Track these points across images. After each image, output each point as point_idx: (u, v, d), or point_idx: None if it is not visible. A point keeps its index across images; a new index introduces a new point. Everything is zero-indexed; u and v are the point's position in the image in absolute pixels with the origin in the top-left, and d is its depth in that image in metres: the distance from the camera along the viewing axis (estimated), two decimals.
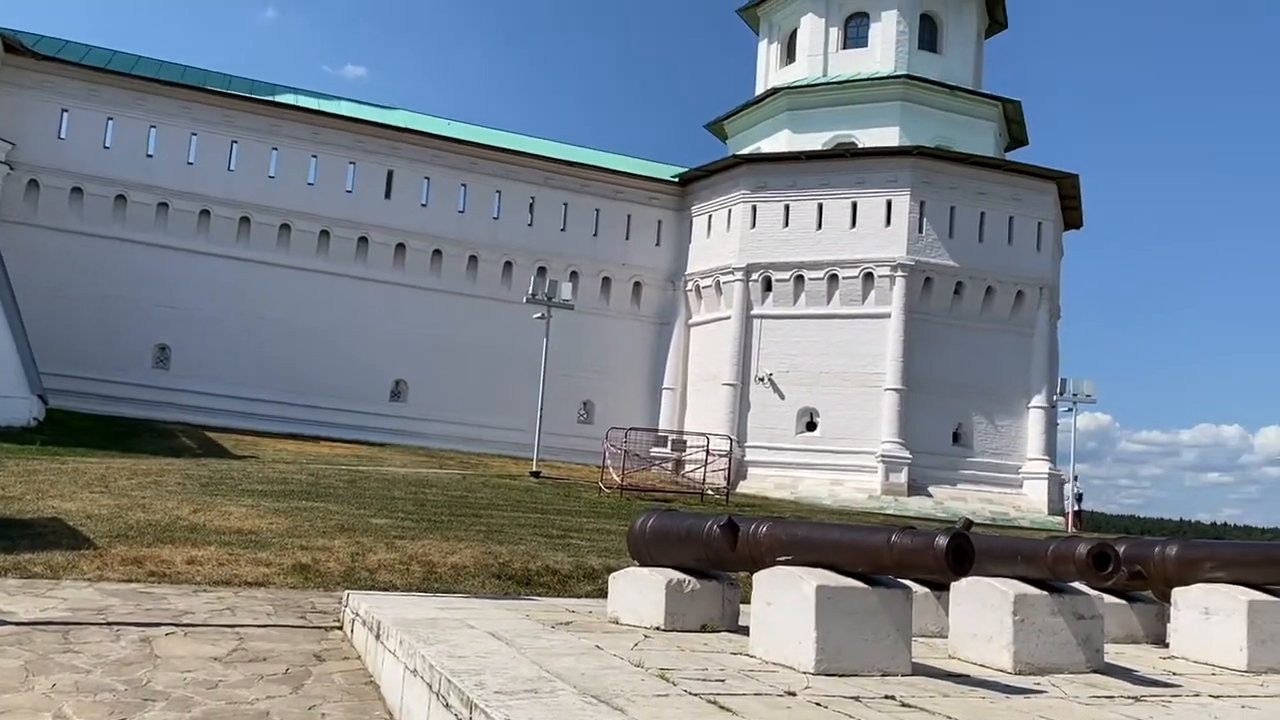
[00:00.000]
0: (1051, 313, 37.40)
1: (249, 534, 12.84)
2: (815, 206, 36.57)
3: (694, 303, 39.42)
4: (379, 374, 36.39)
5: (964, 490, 34.44)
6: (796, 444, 35.41)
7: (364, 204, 36.88)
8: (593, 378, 38.73)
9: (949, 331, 35.34)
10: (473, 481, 24.31)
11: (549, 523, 17.31)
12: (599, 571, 11.66)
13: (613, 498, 24.86)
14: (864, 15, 41.89)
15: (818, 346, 35.80)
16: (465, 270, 38.07)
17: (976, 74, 42.99)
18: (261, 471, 21.45)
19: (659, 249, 40.39)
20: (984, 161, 37.28)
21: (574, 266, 38.77)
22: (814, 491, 33.67)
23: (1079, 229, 42.05)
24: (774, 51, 44.61)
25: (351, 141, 36.96)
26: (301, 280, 35.79)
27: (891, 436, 34.06)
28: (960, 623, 6.77)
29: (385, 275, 36.93)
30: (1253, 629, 7.10)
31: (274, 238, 35.83)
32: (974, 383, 35.32)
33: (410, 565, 11.65)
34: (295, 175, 36.31)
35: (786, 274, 36.52)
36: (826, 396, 35.36)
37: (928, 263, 35.25)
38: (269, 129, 36.03)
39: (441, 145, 38.00)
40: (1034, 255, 36.60)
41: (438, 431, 35.79)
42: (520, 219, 38.98)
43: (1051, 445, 36.57)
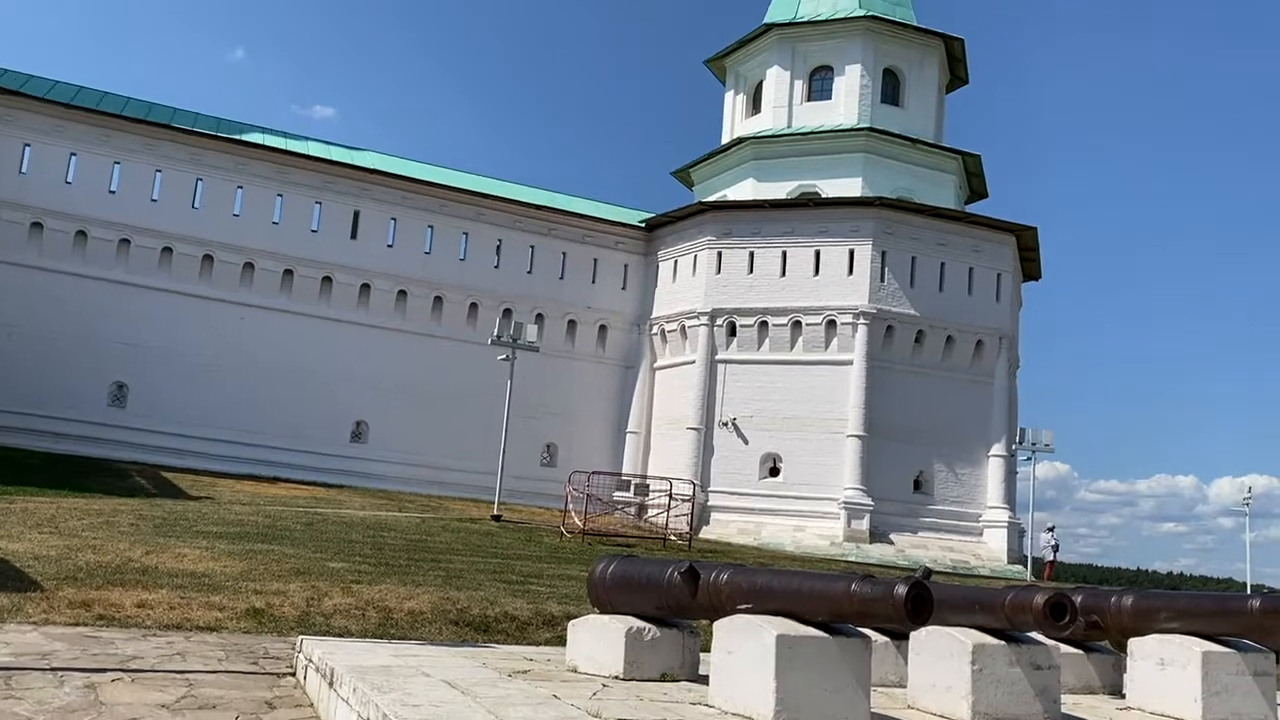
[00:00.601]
0: (1010, 362, 37.89)
1: (202, 577, 12.60)
2: (780, 254, 36.96)
3: (659, 346, 39.54)
4: (340, 415, 36.05)
5: (925, 538, 34.57)
6: (760, 489, 35.43)
7: (329, 244, 36.75)
8: (556, 420, 38.62)
9: (910, 379, 35.68)
10: (432, 525, 24.05)
11: (509, 568, 17.14)
12: (559, 618, 11.55)
13: (574, 542, 24.69)
14: (828, 69, 42.68)
15: (781, 392, 35.98)
16: (430, 311, 37.96)
17: (938, 128, 43.83)
18: (217, 513, 21.11)
19: (625, 293, 40.55)
20: (944, 213, 37.90)
21: (540, 309, 38.80)
22: (777, 537, 33.66)
23: (1038, 280, 42.80)
24: (740, 102, 45.27)
25: (319, 181, 36.90)
26: (264, 319, 35.50)
27: (854, 483, 34.19)
28: (919, 672, 6.77)
29: (349, 315, 36.73)
30: (1207, 680, 7.17)
31: (237, 276, 35.56)
32: (935, 431, 35.61)
33: (366, 610, 11.47)
34: (260, 214, 36.14)
35: (751, 319, 36.77)
36: (790, 442, 35.48)
37: (889, 311, 35.66)
38: (235, 167, 35.90)
39: (409, 187, 38.04)
40: (993, 306, 37.15)
41: (398, 474, 35.46)
42: (487, 261, 39.01)
43: (1011, 494, 36.87)
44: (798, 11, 43.77)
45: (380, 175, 37.74)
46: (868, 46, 41.82)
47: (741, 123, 44.64)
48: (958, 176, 42.61)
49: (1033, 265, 41.11)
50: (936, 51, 43.26)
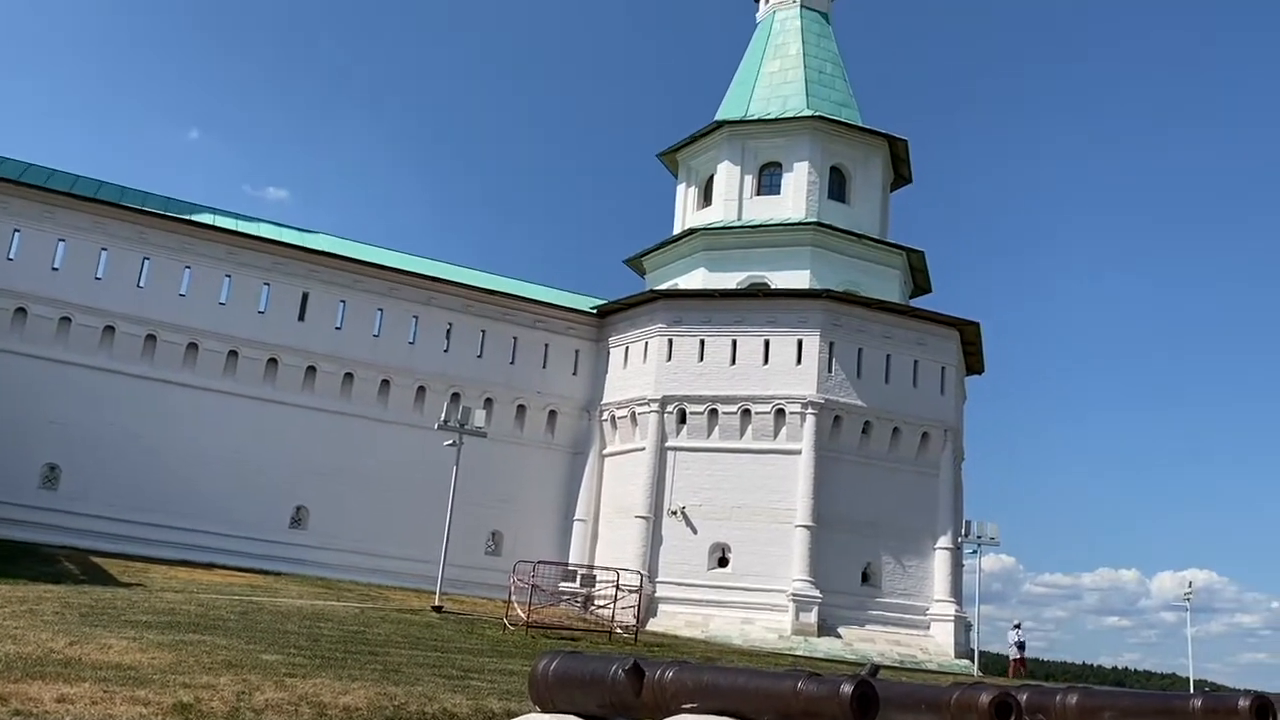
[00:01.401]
0: (956, 455, 38.31)
1: (128, 669, 12.10)
2: (730, 343, 37.31)
3: (609, 433, 39.43)
4: (280, 500, 35.27)
5: (872, 631, 34.37)
6: (708, 580, 35.08)
7: (276, 325, 36.41)
8: (502, 508, 38.14)
9: (858, 470, 35.89)
10: (371, 615, 23.44)
11: (449, 661, 16.70)
12: (499, 715, 11.24)
13: (518, 635, 24.18)
14: (777, 165, 43.78)
15: (731, 481, 35.94)
16: (377, 395, 37.59)
17: (883, 224, 44.98)
18: (148, 601, 20.39)
19: (576, 378, 40.55)
20: (890, 307, 38.65)
21: (489, 393, 38.63)
22: (725, 630, 33.25)
23: (981, 374, 43.62)
24: (692, 194, 46.17)
25: (268, 263, 36.72)
26: (206, 401, 34.90)
27: (802, 575, 34.02)
28: None
29: (294, 398, 36.23)
30: None
31: (180, 357, 35.02)
32: (882, 522, 35.71)
33: (300, 706, 11.07)
34: (206, 294, 35.79)
35: (701, 407, 36.90)
36: (738, 532, 35.32)
37: (837, 401, 36.01)
38: (182, 247, 35.64)
39: (360, 269, 37.99)
40: (938, 398, 37.70)
41: (338, 561, 34.65)
42: (437, 345, 38.87)
43: (957, 587, 36.92)
44: (748, 109, 45.04)
45: (331, 257, 37.68)
46: (815, 145, 43.05)
47: (693, 214, 45.46)
48: (902, 271, 43.59)
49: (976, 359, 41.92)
50: (881, 151, 44.63)
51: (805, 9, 47.62)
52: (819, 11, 48.17)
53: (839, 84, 46.27)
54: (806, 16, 47.43)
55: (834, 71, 46.48)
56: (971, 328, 39.13)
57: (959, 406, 39.67)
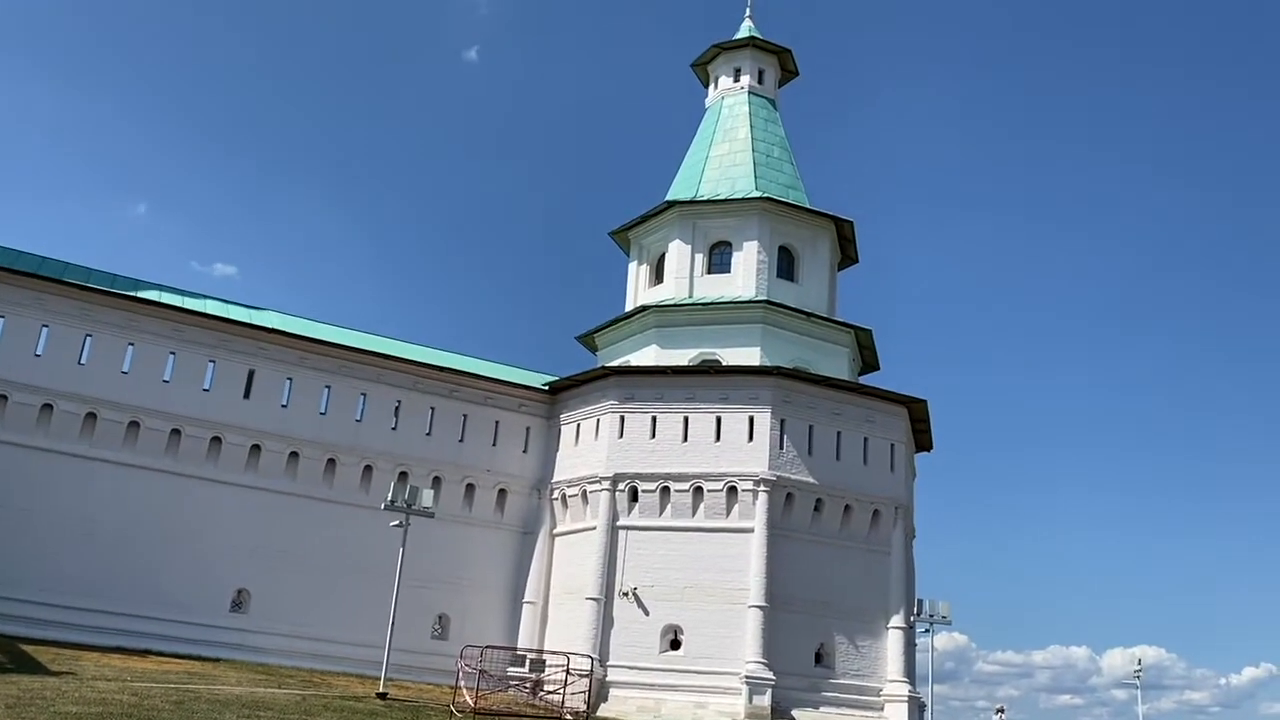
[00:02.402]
0: (906, 532, 38.39)
1: None
2: (681, 419, 37.31)
3: (560, 512, 38.99)
4: (220, 582, 34.22)
5: (826, 713, 33.92)
6: (660, 663, 34.48)
7: (221, 403, 35.75)
8: (450, 590, 37.36)
9: (810, 549, 35.77)
10: (313, 704, 22.68)
11: None
12: None
13: None
14: (727, 244, 44.44)
15: (683, 560, 35.59)
16: (322, 474, 36.88)
17: (830, 302, 45.65)
18: (78, 691, 19.56)
19: (526, 456, 40.18)
20: (839, 384, 38.99)
21: (437, 472, 38.11)
22: (678, 715, 32.62)
23: (930, 451, 43.99)
24: (643, 272, 46.57)
25: (214, 340, 36.19)
26: (147, 480, 34.03)
27: (755, 656, 33.58)
28: None
29: (237, 478, 35.43)
30: None
31: (121, 435, 34.18)
32: (835, 601, 35.52)
33: None
34: (149, 371, 35.10)
35: (653, 485, 36.68)
36: (691, 613, 34.86)
37: (788, 479, 36.02)
38: (126, 324, 35.05)
39: (307, 346, 37.55)
40: (888, 475, 37.89)
41: (280, 646, 33.60)
42: (384, 422, 38.37)
43: (911, 666, 36.68)
44: (698, 190, 45.82)
45: (278, 334, 37.24)
46: (764, 225, 43.79)
47: (645, 291, 45.79)
48: (851, 349, 44.12)
49: (925, 436, 42.31)
50: (828, 231, 45.51)
51: (753, 95, 48.85)
52: (766, 97, 49.44)
53: (786, 167, 47.30)
54: (754, 102, 48.63)
55: (781, 155, 47.55)
56: (920, 405, 39.56)
57: (909, 483, 39.88)
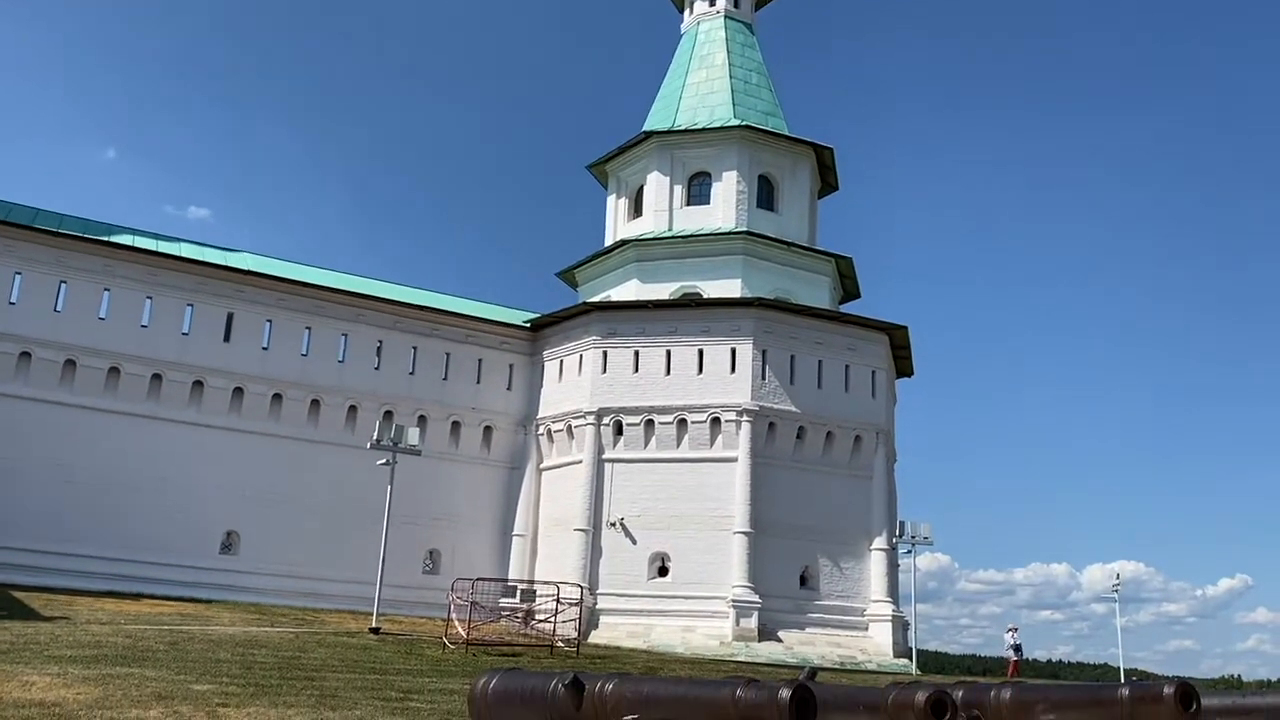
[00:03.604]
0: (888, 457, 38.89)
1: (52, 706, 11.69)
2: (664, 353, 37.45)
3: (545, 447, 39.27)
4: (209, 525, 34.44)
5: (812, 634, 34.68)
6: (648, 590, 35.11)
7: (201, 347, 35.60)
8: (439, 526, 37.73)
9: (793, 475, 36.24)
10: (307, 640, 23.00)
11: (388, 684, 16.45)
12: None
13: (458, 654, 23.92)
14: (706, 175, 44.11)
15: (669, 490, 36.03)
16: (307, 415, 36.92)
17: (811, 231, 45.55)
18: (72, 635, 19.75)
19: (510, 393, 40.31)
20: (820, 313, 39.16)
21: (422, 410, 38.21)
22: (666, 639, 33.28)
23: (911, 377, 44.36)
24: (622, 205, 46.27)
25: (191, 284, 35.90)
26: (130, 426, 33.96)
27: (741, 580, 34.20)
28: None
29: (221, 421, 35.43)
30: None
31: (101, 382, 34.05)
32: (818, 525, 36.10)
33: None
34: (127, 317, 34.85)
35: (637, 418, 36.94)
36: (678, 541, 35.40)
37: (771, 408, 36.33)
38: (101, 269, 34.69)
39: (285, 288, 37.33)
40: (869, 402, 38.25)
41: (272, 586, 33.94)
42: (367, 363, 38.35)
43: (894, 587, 37.44)
44: (676, 120, 45.33)
45: (255, 276, 36.98)
46: (743, 154, 43.46)
47: (624, 225, 45.56)
48: (831, 278, 44.18)
49: (905, 362, 42.63)
50: (808, 159, 45.22)
51: (730, 19, 48.09)
52: (743, 22, 48.67)
53: (765, 94, 46.80)
54: (731, 27, 47.90)
55: (759, 81, 47.00)
56: (900, 331, 39.80)
57: (890, 409, 40.30)
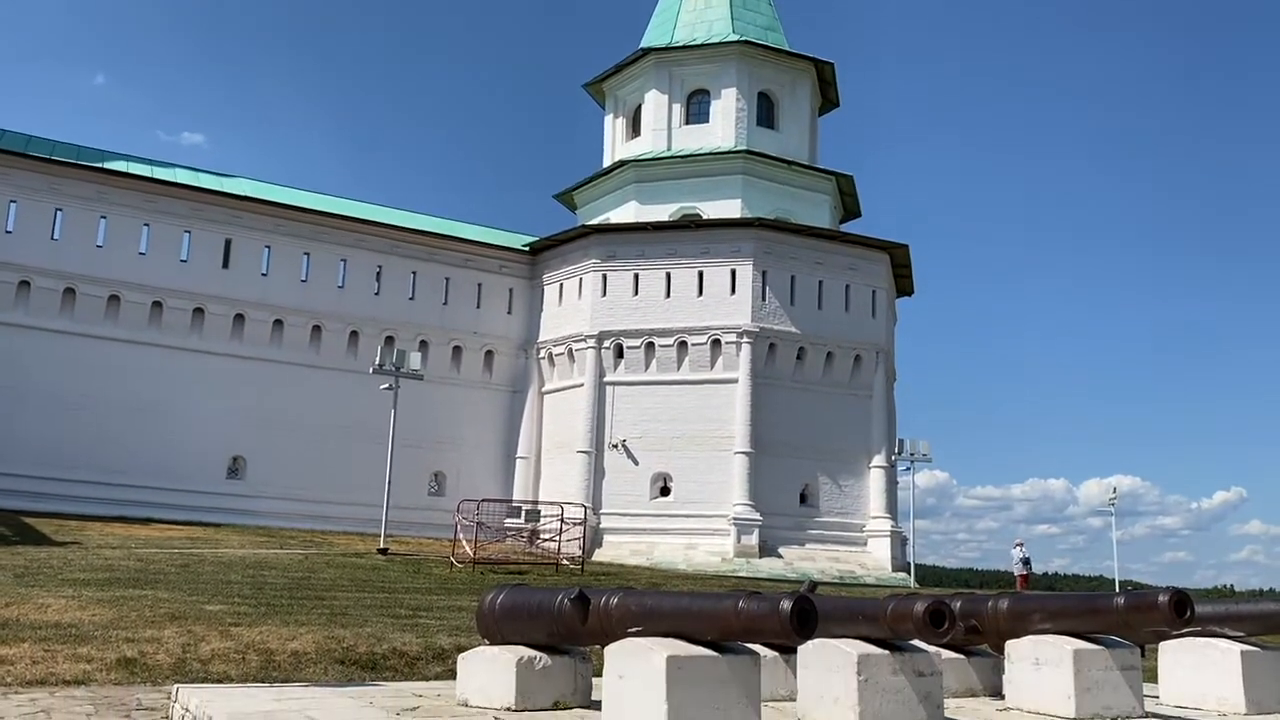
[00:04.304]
0: (888, 375, 39.04)
1: (68, 627, 11.95)
2: (664, 275, 37.33)
3: (547, 370, 39.40)
4: (215, 451, 34.73)
5: (812, 550, 35.22)
6: (651, 509, 35.56)
7: (200, 274, 35.47)
8: (444, 449, 38.04)
9: (793, 395, 36.42)
10: (315, 561, 23.38)
11: (397, 602, 16.77)
12: (449, 651, 11.34)
13: (465, 572, 24.33)
14: (705, 93, 43.45)
15: (670, 412, 36.25)
16: (308, 341, 36.97)
17: (812, 149, 45.03)
18: (84, 559, 20.08)
19: (511, 317, 40.29)
20: (820, 233, 38.92)
21: (423, 335, 38.23)
22: (669, 557, 33.81)
23: (911, 296, 44.28)
24: (620, 125, 45.67)
25: (187, 210, 35.63)
26: (132, 354, 34.00)
27: (742, 499, 34.62)
28: (808, 685, 6.88)
29: (222, 347, 35.47)
30: (1079, 677, 7.47)
31: (102, 310, 34.02)
32: (818, 444, 36.40)
33: (247, 654, 11.06)
34: (125, 244, 34.66)
35: (637, 341, 37.00)
36: (679, 461, 35.74)
37: (771, 329, 36.36)
38: (97, 196, 34.39)
39: (284, 214, 37.06)
40: (870, 321, 38.25)
41: (279, 510, 34.34)
42: (367, 288, 38.26)
43: (893, 503, 37.91)
44: (674, 36, 44.48)
45: (252, 202, 36.69)
46: (742, 71, 42.75)
47: (622, 145, 45.03)
48: (832, 197, 43.82)
49: (905, 281, 42.50)
50: (808, 75, 44.49)
51: None
52: None
53: (764, 7, 45.83)
54: None
55: None
56: (901, 250, 39.61)
57: (890, 328, 40.32)
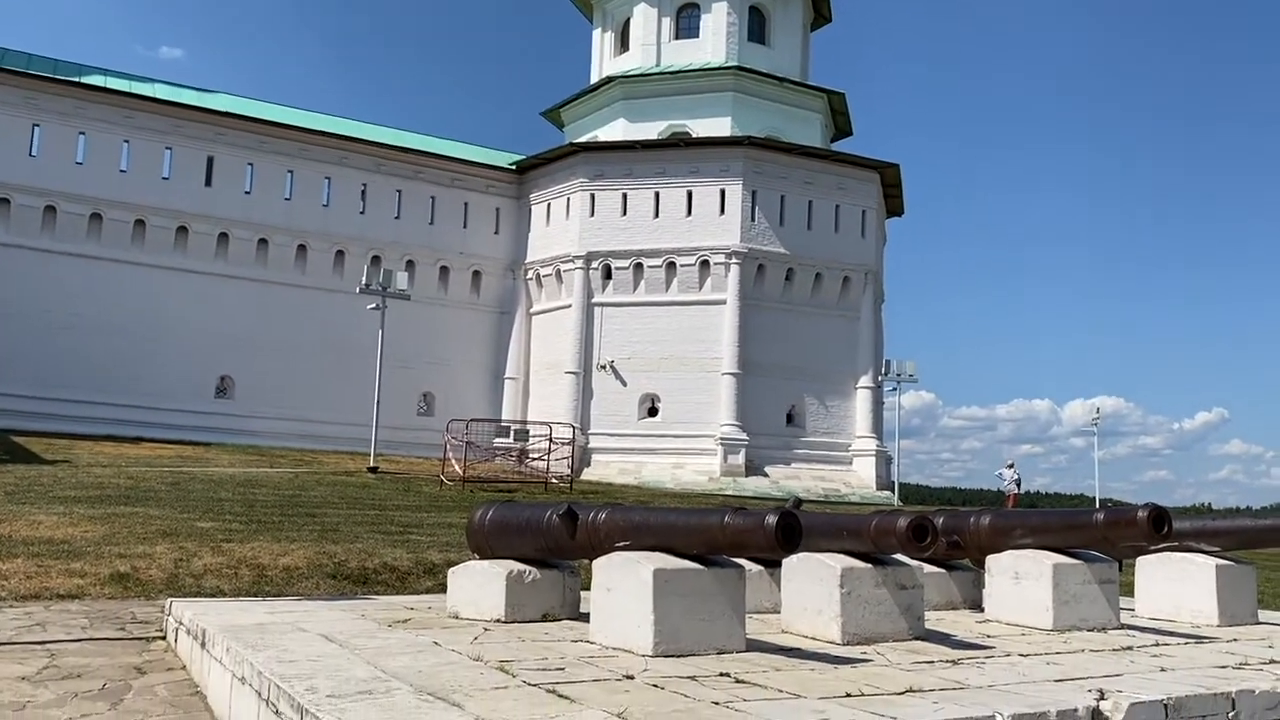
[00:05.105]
0: (876, 297, 39.06)
1: (61, 543, 12.05)
2: (652, 195, 37.01)
3: (535, 291, 39.26)
4: (202, 370, 34.68)
5: (798, 469, 35.63)
6: (639, 430, 35.82)
7: (182, 192, 35.00)
8: (432, 369, 38.07)
9: (781, 316, 36.45)
10: (306, 480, 23.55)
11: (387, 519, 16.95)
12: (440, 567, 11.50)
13: (454, 491, 24.56)
14: (695, 6, 42.58)
15: (658, 333, 36.29)
16: (294, 260, 36.69)
17: (804, 66, 44.32)
18: (75, 476, 20.17)
19: (498, 237, 40.00)
20: (811, 152, 38.53)
21: (410, 255, 37.96)
22: (657, 476, 34.17)
23: (901, 216, 44.07)
24: (608, 40, 44.80)
25: (168, 126, 34.99)
26: (116, 273, 33.71)
27: (729, 419, 34.88)
28: (791, 598, 7.01)
29: (207, 266, 35.18)
30: (1057, 590, 7.63)
31: (84, 228, 33.61)
32: (805, 365, 36.57)
33: (239, 569, 11.19)
34: (106, 161, 34.10)
35: (626, 262, 36.83)
36: (667, 382, 35.90)
37: (760, 250, 36.22)
38: (75, 111, 33.70)
39: (266, 130, 36.45)
40: (859, 242, 38.11)
41: (268, 429, 34.45)
42: (352, 207, 37.85)
43: (878, 423, 38.26)
44: None
45: (235, 118, 36.04)
46: None
47: (610, 61, 44.23)
48: (823, 115, 43.28)
49: (895, 201, 42.27)
50: None
51: None
52: None
53: None
54: None
55: None
56: (891, 170, 39.30)
57: (879, 249, 40.22)
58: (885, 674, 5.46)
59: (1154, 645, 7.01)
